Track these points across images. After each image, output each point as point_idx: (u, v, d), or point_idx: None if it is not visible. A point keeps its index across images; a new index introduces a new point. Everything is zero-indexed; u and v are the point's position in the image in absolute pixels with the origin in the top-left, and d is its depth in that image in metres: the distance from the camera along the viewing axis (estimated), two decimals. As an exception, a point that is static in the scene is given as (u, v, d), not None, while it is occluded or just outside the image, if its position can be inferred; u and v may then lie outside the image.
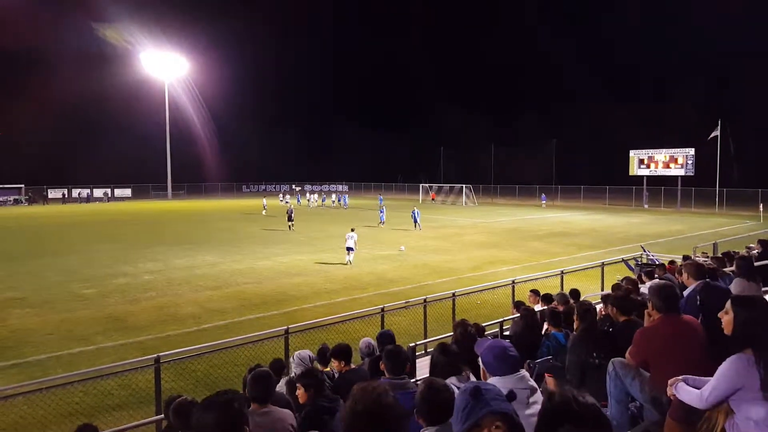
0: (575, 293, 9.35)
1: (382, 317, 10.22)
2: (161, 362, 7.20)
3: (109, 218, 41.59)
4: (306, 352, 6.03)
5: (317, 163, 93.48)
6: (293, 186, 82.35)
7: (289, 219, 32.31)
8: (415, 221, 32.31)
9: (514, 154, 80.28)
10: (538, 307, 8.82)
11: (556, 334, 6.38)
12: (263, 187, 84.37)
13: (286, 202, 48.92)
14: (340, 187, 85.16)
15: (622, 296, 5.60)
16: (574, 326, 5.72)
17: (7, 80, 74.67)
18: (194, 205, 55.14)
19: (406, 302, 11.34)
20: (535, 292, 9.86)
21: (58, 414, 6.96)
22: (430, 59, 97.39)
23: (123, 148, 73.96)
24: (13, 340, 11.51)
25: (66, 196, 64.99)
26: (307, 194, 60.00)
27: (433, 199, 62.31)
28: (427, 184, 63.94)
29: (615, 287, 8.26)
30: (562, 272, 13.88)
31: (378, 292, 15.79)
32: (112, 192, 68.51)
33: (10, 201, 59.13)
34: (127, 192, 70.27)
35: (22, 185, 61.91)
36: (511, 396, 1.99)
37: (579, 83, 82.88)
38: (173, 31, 72.83)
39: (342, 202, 53.62)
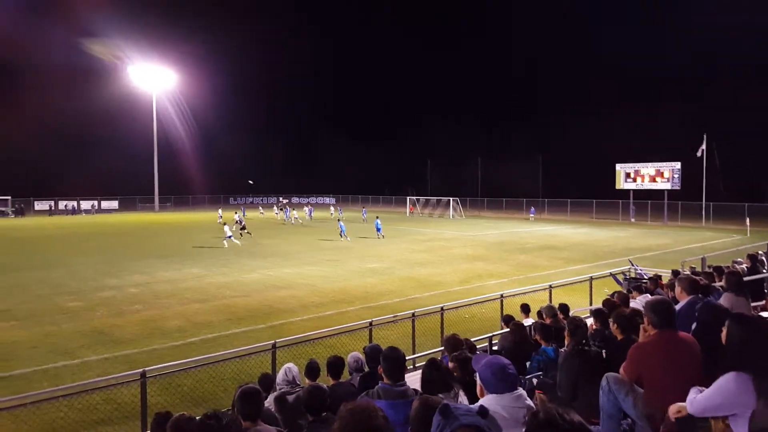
0: (564, 308, 9.38)
1: (370, 331, 10.17)
2: (147, 377, 7.08)
3: (96, 230, 41.06)
4: (292, 369, 5.89)
5: (305, 175, 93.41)
6: (280, 198, 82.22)
7: (242, 228, 34.23)
8: (378, 230, 34.21)
9: (501, 167, 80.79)
10: (527, 322, 8.84)
11: (546, 348, 6.38)
12: (250, 199, 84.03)
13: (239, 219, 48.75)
14: (326, 200, 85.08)
15: (627, 315, 5.58)
16: (565, 342, 5.74)
17: (-7, 91, 73.91)
18: (181, 218, 54.65)
19: (394, 316, 11.31)
20: (524, 307, 9.90)
21: (42, 429, 6.83)
22: (418, 71, 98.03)
23: (110, 161, 73.31)
24: (-2, 353, 11.31)
25: (53, 208, 64.18)
26: (275, 207, 57.69)
27: (411, 212, 62.34)
28: (414, 197, 64.07)
29: (607, 303, 8.28)
30: (550, 286, 13.95)
31: (366, 305, 15.72)
32: (99, 204, 67.78)
33: (-5, 212, 58.24)
34: (114, 204, 69.54)
35: (9, 197, 61.03)
36: (483, 411, 1.98)
37: (567, 96, 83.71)
38: (161, 43, 72.72)
39: (308, 215, 53.30)
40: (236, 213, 42.50)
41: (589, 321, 8.17)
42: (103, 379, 7.86)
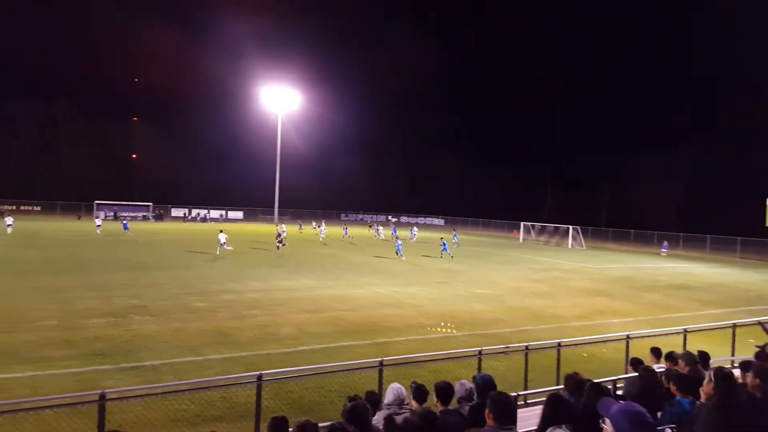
0: (704, 356, 8.33)
1: (479, 360, 9.73)
2: (263, 380, 7.35)
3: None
4: (401, 389, 5.79)
5: (416, 195, 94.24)
6: (389, 216, 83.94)
7: (279, 242, 35.37)
8: (444, 249, 35.00)
9: (631, 195, 74.79)
10: (657, 368, 7.95)
11: (681, 400, 5.69)
12: (360, 216, 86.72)
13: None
14: (436, 221, 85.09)
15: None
16: (702, 394, 5.05)
17: (143, 110, 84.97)
18: (294, 230, 57.35)
19: (506, 347, 10.75)
20: (655, 351, 8.92)
21: (167, 419, 7.35)
22: (539, 91, 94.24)
23: (239, 174, 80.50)
24: (134, 344, 12.51)
25: (186, 215, 71.46)
26: (323, 224, 53.20)
27: (515, 237, 60.99)
28: (528, 223, 61.66)
29: (761, 355, 7.21)
30: (685, 330, 12.49)
31: (474, 332, 15.23)
32: (227, 213, 74.11)
33: (139, 217, 66.18)
34: (239, 214, 75.54)
35: (151, 203, 69.10)
36: None
37: (713, 119, 74.89)
38: (289, 65, 78.57)
39: (393, 234, 50.56)
40: (279, 226, 43.12)
41: (735, 373, 7.16)
42: (222, 378, 8.33)
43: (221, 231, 33.87)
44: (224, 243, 31.93)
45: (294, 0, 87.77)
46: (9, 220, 41.22)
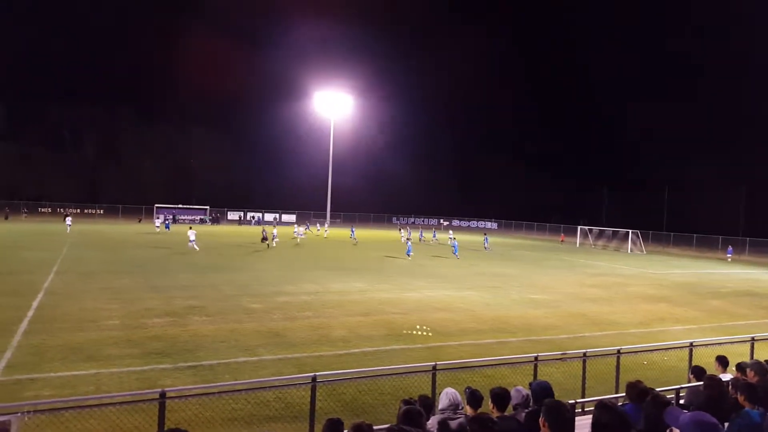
0: (774, 366, 7.82)
1: (535, 366, 9.50)
2: (317, 381, 7.44)
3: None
4: (456, 394, 5.75)
5: (469, 199, 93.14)
6: (440, 220, 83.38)
7: (264, 240, 38.87)
8: (455, 250, 36.31)
9: (693, 198, 71.21)
10: (724, 377, 7.53)
11: (750, 411, 5.36)
12: (411, 220, 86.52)
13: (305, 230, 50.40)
14: (488, 224, 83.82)
15: None
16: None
17: (200, 116, 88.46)
18: (346, 233, 57.95)
19: (563, 354, 10.46)
20: (721, 359, 8.44)
21: (223, 418, 7.55)
22: (597, 92, 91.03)
23: (292, 178, 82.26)
24: (192, 343, 12.91)
25: (242, 218, 73.60)
26: (318, 224, 56.38)
27: (562, 241, 59.88)
28: (586, 227, 59.73)
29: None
30: (752, 338, 11.80)
31: (528, 338, 14.89)
32: (280, 217, 75.74)
33: (197, 220, 68.71)
34: (292, 217, 77.02)
35: (208, 207, 71.59)
36: None
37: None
38: (342, 70, 79.79)
39: (420, 237, 52.00)
40: (264, 229, 43.29)
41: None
42: (277, 379, 8.48)
43: (190, 228, 37.37)
44: (193, 241, 33.55)
45: (348, 6, 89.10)
46: (68, 220, 46.81)
